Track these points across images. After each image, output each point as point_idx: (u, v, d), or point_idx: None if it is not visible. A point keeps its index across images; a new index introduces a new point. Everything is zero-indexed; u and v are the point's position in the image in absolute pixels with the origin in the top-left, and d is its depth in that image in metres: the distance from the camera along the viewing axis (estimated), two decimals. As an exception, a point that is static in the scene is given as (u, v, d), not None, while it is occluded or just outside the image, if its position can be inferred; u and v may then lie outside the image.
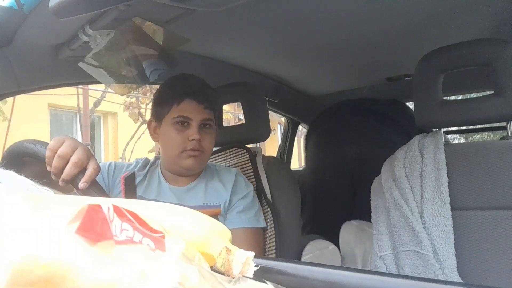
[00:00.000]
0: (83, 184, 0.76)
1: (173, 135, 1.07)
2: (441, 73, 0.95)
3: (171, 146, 1.08)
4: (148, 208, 0.40)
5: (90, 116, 6.17)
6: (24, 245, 0.24)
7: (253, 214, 1.13)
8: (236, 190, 1.13)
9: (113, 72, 1.08)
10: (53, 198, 0.35)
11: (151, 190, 1.12)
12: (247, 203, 1.13)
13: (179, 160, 1.08)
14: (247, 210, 1.12)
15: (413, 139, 1.01)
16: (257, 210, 1.15)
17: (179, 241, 0.30)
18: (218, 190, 1.13)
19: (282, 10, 1.04)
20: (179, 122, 1.07)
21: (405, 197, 0.92)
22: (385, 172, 1.02)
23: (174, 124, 1.07)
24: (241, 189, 1.14)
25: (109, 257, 0.25)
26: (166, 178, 1.15)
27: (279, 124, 6.63)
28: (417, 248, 0.87)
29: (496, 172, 0.88)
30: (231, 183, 1.14)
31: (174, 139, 1.07)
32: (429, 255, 0.85)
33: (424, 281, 0.36)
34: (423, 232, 0.87)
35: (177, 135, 1.07)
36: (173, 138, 1.07)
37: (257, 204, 1.16)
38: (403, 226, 0.90)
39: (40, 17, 0.84)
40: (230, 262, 0.34)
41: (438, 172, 0.91)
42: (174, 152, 1.08)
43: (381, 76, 1.78)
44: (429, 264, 0.85)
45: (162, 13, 0.92)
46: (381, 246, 0.94)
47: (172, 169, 1.13)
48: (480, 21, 1.19)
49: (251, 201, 1.14)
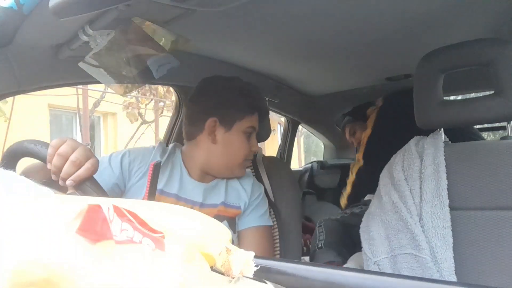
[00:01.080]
0: (69, 182, 0.76)
1: (244, 144, 1.10)
2: (441, 73, 0.94)
3: (237, 154, 1.10)
4: (148, 208, 0.40)
5: (90, 116, 6.17)
6: (24, 245, 0.24)
7: (263, 212, 1.15)
8: (254, 192, 1.15)
9: (113, 72, 1.08)
10: (53, 198, 0.35)
11: (173, 184, 1.08)
12: (258, 202, 1.15)
13: (238, 168, 1.12)
14: (260, 209, 1.14)
15: (410, 142, 1.01)
16: (267, 209, 1.17)
17: (179, 241, 0.30)
18: (238, 191, 1.13)
19: (282, 10, 1.04)
20: (248, 133, 1.11)
21: (404, 200, 0.92)
22: (383, 177, 1.02)
23: (245, 133, 1.10)
24: (256, 190, 1.16)
25: (109, 257, 0.25)
26: (190, 173, 1.12)
27: (279, 124, 6.63)
28: (415, 251, 0.87)
29: (496, 172, 0.87)
30: (250, 186, 1.15)
31: (243, 148, 1.10)
32: (426, 258, 0.85)
33: (424, 281, 0.36)
34: (421, 235, 0.87)
35: (247, 144, 1.11)
36: (242, 147, 1.10)
37: (267, 203, 1.19)
38: (401, 230, 0.90)
39: (40, 17, 0.83)
40: (230, 262, 0.34)
41: (438, 174, 0.91)
42: (238, 160, 1.11)
43: (381, 76, 1.78)
44: (426, 267, 0.85)
45: (162, 13, 0.92)
46: (374, 251, 0.92)
47: (218, 172, 1.12)
48: (480, 21, 1.19)
49: (263, 200, 1.17)
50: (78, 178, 0.77)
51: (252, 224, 1.12)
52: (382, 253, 0.91)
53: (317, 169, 2.53)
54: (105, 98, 5.99)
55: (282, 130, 2.42)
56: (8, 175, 0.36)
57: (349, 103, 2.35)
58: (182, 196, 1.08)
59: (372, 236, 0.95)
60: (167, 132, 1.66)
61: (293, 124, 2.33)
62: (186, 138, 1.15)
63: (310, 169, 2.55)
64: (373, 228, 0.96)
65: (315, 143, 6.81)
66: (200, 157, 1.11)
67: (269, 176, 1.28)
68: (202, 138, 1.09)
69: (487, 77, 0.90)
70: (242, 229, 1.13)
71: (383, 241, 0.92)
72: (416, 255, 0.86)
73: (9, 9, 0.81)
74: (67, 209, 0.27)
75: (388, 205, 0.94)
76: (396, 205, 0.92)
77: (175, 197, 1.07)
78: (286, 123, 2.35)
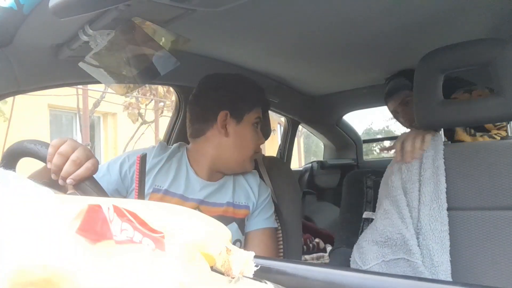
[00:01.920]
0: (69, 181, 0.77)
1: (254, 136, 1.11)
2: (441, 73, 0.95)
3: (248, 146, 1.10)
4: (148, 208, 0.40)
5: (90, 116, 6.18)
6: (24, 246, 0.24)
7: (270, 214, 1.15)
8: (261, 193, 1.15)
9: (113, 72, 1.08)
10: (53, 198, 0.35)
11: (179, 184, 1.07)
12: (266, 204, 1.15)
13: (248, 161, 1.12)
14: (267, 211, 1.14)
15: None
16: (273, 211, 1.18)
17: (179, 241, 0.30)
18: (246, 191, 1.13)
19: (282, 10, 1.04)
20: (256, 123, 1.11)
21: (396, 204, 0.92)
22: (381, 190, 1.03)
23: (253, 125, 1.10)
24: (264, 191, 1.16)
25: (109, 257, 0.25)
26: (197, 171, 1.10)
27: (279, 124, 6.63)
28: (407, 256, 0.87)
29: (496, 172, 0.87)
30: (257, 186, 1.15)
31: (254, 140, 1.11)
32: (418, 262, 0.85)
33: (424, 281, 0.36)
34: (412, 240, 0.87)
35: (256, 136, 1.11)
36: (253, 138, 1.10)
37: (273, 206, 1.19)
38: (390, 236, 0.90)
39: (40, 17, 0.83)
40: (230, 262, 0.34)
41: (437, 177, 0.91)
42: (249, 152, 1.11)
43: (381, 76, 1.78)
44: (418, 272, 0.85)
45: (162, 13, 0.92)
46: (364, 259, 0.92)
47: (229, 167, 1.11)
48: (480, 21, 1.19)
49: (270, 202, 1.17)
50: (78, 177, 0.77)
51: (259, 226, 1.12)
52: (372, 260, 0.91)
53: (317, 169, 2.53)
54: (105, 98, 6.00)
55: (282, 130, 2.43)
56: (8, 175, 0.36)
57: (349, 103, 2.35)
58: (189, 197, 1.06)
59: (360, 244, 0.95)
60: (167, 132, 1.66)
61: (293, 124, 2.33)
62: (193, 136, 1.13)
63: (310, 169, 2.55)
64: (363, 237, 0.96)
65: (315, 143, 6.82)
66: (211, 153, 1.10)
67: (270, 176, 1.28)
68: (213, 132, 1.09)
69: (487, 77, 0.90)
70: (249, 231, 1.12)
71: (372, 247, 0.92)
72: (408, 259, 0.87)
73: (9, 9, 0.81)
74: (67, 209, 0.27)
75: (379, 214, 0.95)
76: (387, 211, 0.93)
77: (181, 197, 1.06)
78: (286, 123, 2.35)
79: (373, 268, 0.91)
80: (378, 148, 4.72)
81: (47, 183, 0.78)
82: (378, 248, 0.91)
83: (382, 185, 1.03)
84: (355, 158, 2.64)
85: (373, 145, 4.77)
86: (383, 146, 1.79)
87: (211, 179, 1.11)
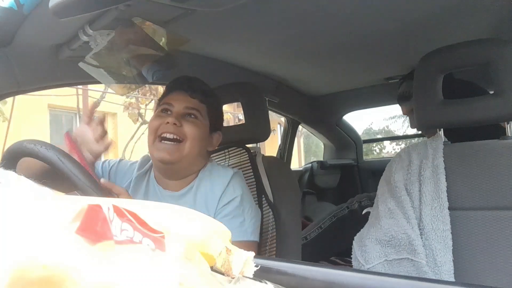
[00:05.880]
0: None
1: (152, 121, 1.02)
2: (441, 73, 0.95)
3: (148, 134, 1.01)
4: (148, 208, 0.40)
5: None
6: (24, 245, 0.24)
7: (238, 224, 0.98)
8: (225, 195, 1.01)
9: (113, 72, 1.08)
10: (53, 198, 0.35)
11: (150, 200, 1.02)
12: (230, 210, 0.99)
13: (154, 150, 0.99)
14: (231, 219, 0.98)
15: (405, 148, 1.02)
16: (243, 220, 1.00)
17: (179, 241, 0.30)
18: (206, 198, 1.02)
19: (282, 10, 1.04)
20: (163, 110, 1.02)
21: (402, 205, 0.92)
22: (381, 187, 1.02)
23: (157, 112, 1.03)
24: (228, 194, 1.01)
25: (109, 257, 0.25)
26: (160, 183, 1.07)
27: (279, 124, 6.63)
28: (411, 255, 0.87)
29: (496, 172, 0.87)
30: (221, 188, 1.02)
31: (151, 125, 1.01)
32: (422, 262, 0.85)
33: (423, 281, 0.36)
34: (418, 240, 0.87)
35: (155, 120, 1.00)
36: (151, 124, 1.02)
37: (245, 214, 1.01)
38: (395, 235, 0.90)
39: (40, 17, 0.84)
40: (230, 262, 0.34)
41: (437, 176, 0.91)
42: (150, 139, 1.01)
43: (381, 76, 1.78)
44: (421, 272, 0.85)
45: (162, 13, 0.92)
46: (367, 258, 0.92)
47: (156, 166, 1.06)
48: (480, 21, 1.19)
49: (236, 208, 1.00)
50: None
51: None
52: (375, 259, 0.91)
53: (317, 169, 2.53)
54: (105, 98, 5.99)
55: (282, 130, 2.42)
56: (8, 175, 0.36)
57: (349, 103, 2.35)
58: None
59: (364, 243, 0.95)
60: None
61: (293, 124, 2.33)
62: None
63: (310, 169, 2.55)
64: (366, 236, 0.96)
65: (315, 143, 6.81)
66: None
67: (269, 176, 1.27)
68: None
69: (487, 77, 0.90)
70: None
71: (375, 246, 0.92)
72: (412, 259, 0.86)
73: (9, 9, 0.81)
74: (67, 209, 0.27)
75: (383, 213, 0.95)
76: (392, 211, 0.92)
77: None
78: (286, 123, 2.35)
79: (375, 267, 0.91)
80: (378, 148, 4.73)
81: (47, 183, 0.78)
82: (381, 248, 0.92)
83: (382, 181, 1.03)
84: (355, 158, 2.64)
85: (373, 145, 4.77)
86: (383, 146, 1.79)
87: (174, 189, 1.05)
